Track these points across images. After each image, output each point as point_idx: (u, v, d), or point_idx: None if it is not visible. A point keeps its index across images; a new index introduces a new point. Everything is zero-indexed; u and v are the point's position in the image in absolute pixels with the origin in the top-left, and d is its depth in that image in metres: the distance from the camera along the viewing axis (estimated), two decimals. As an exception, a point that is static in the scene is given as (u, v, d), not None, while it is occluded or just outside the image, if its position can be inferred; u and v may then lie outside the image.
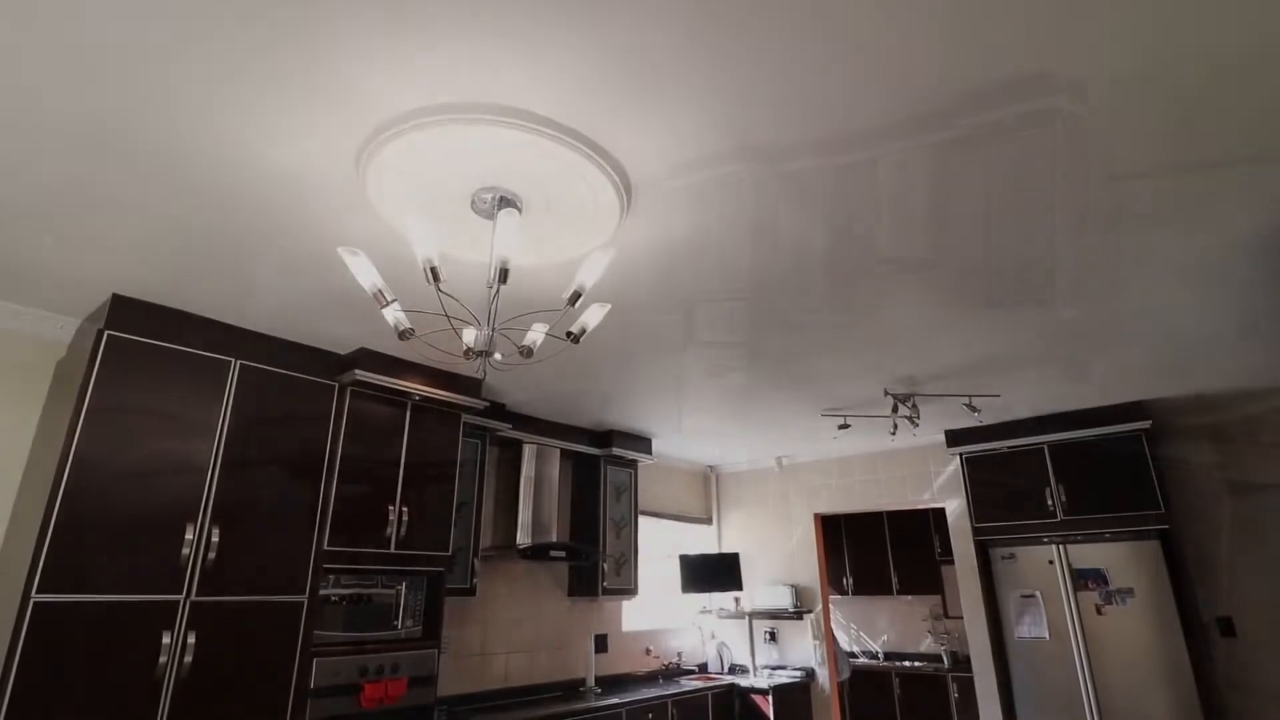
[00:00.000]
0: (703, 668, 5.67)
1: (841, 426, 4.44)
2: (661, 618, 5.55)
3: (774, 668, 5.53)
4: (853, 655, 6.63)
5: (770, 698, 4.82)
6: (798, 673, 5.33)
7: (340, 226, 2.14)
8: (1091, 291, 2.65)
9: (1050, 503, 4.42)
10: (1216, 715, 3.72)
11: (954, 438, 4.90)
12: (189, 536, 2.59)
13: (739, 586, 5.61)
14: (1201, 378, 3.79)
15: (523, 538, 4.27)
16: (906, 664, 6.19)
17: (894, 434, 4.64)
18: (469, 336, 1.94)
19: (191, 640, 2.52)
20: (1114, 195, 2.00)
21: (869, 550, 6.75)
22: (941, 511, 6.01)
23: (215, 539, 2.66)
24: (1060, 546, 4.34)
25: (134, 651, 2.39)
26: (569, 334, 1.97)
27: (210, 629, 2.58)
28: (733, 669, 5.63)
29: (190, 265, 2.40)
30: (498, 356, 2.01)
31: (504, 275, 1.69)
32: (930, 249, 2.31)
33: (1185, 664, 3.82)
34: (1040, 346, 3.25)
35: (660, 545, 5.74)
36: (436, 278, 1.68)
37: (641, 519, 5.37)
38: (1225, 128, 1.72)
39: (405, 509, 3.28)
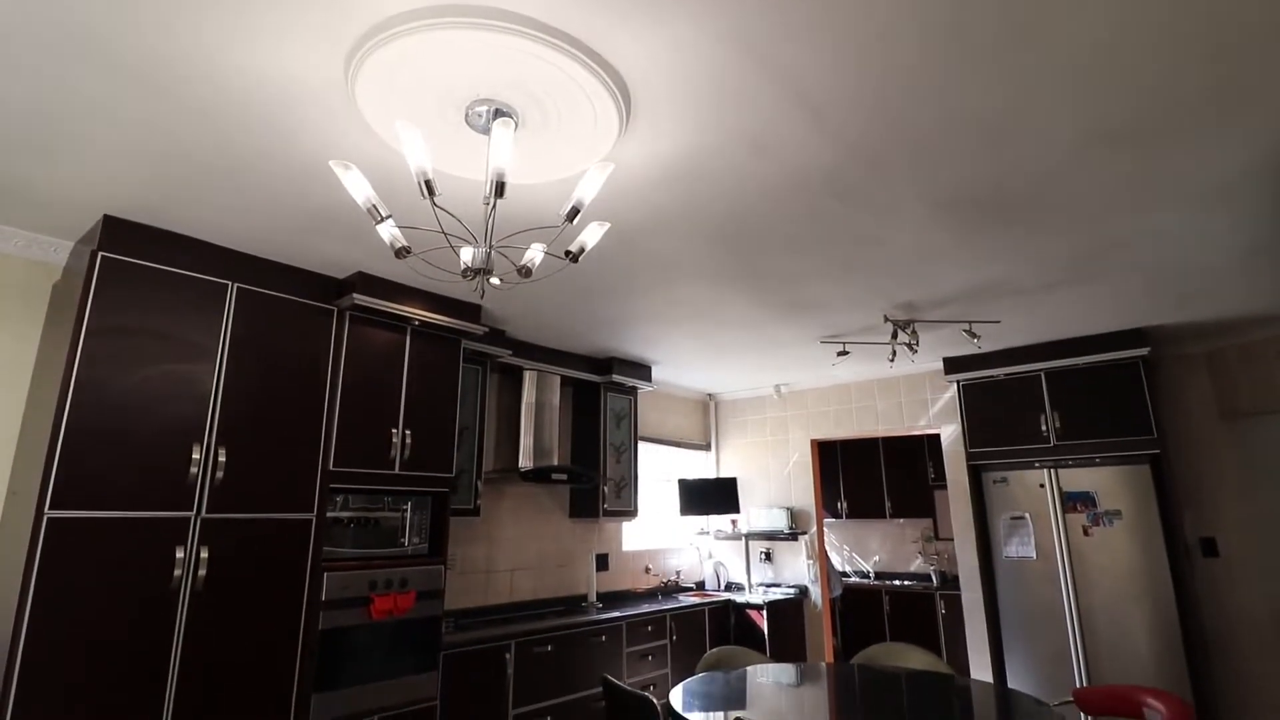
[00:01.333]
0: (700, 585, 5.89)
1: (840, 354, 4.45)
2: (660, 539, 5.72)
3: (769, 585, 5.74)
4: (845, 575, 6.87)
5: (764, 613, 5.03)
6: (791, 590, 5.54)
7: (332, 142, 2.08)
8: (1097, 215, 2.60)
9: (1044, 428, 4.48)
10: (1193, 631, 3.89)
11: (952, 365, 4.92)
12: (196, 456, 2.64)
13: (736, 510, 5.76)
14: (1203, 305, 3.78)
15: (524, 461, 4.35)
16: (896, 583, 6.42)
17: (892, 361, 4.67)
18: (467, 255, 1.92)
19: (204, 555, 2.60)
20: (1125, 110, 1.94)
21: (864, 475, 6.90)
22: (936, 437, 6.11)
23: (222, 459, 2.70)
24: (1052, 470, 4.43)
25: (149, 566, 2.47)
26: (568, 253, 1.94)
27: (222, 545, 2.66)
28: (729, 587, 5.84)
29: (181, 184, 2.35)
30: (496, 281, 1.99)
31: (500, 189, 1.65)
32: (938, 169, 2.25)
33: (1167, 583, 3.96)
34: (1043, 272, 3.22)
35: (660, 470, 5.87)
36: (431, 191, 1.64)
37: (641, 445, 5.47)
38: (1247, 42, 1.64)
39: (408, 432, 3.33)
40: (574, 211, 1.78)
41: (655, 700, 1.95)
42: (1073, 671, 4.14)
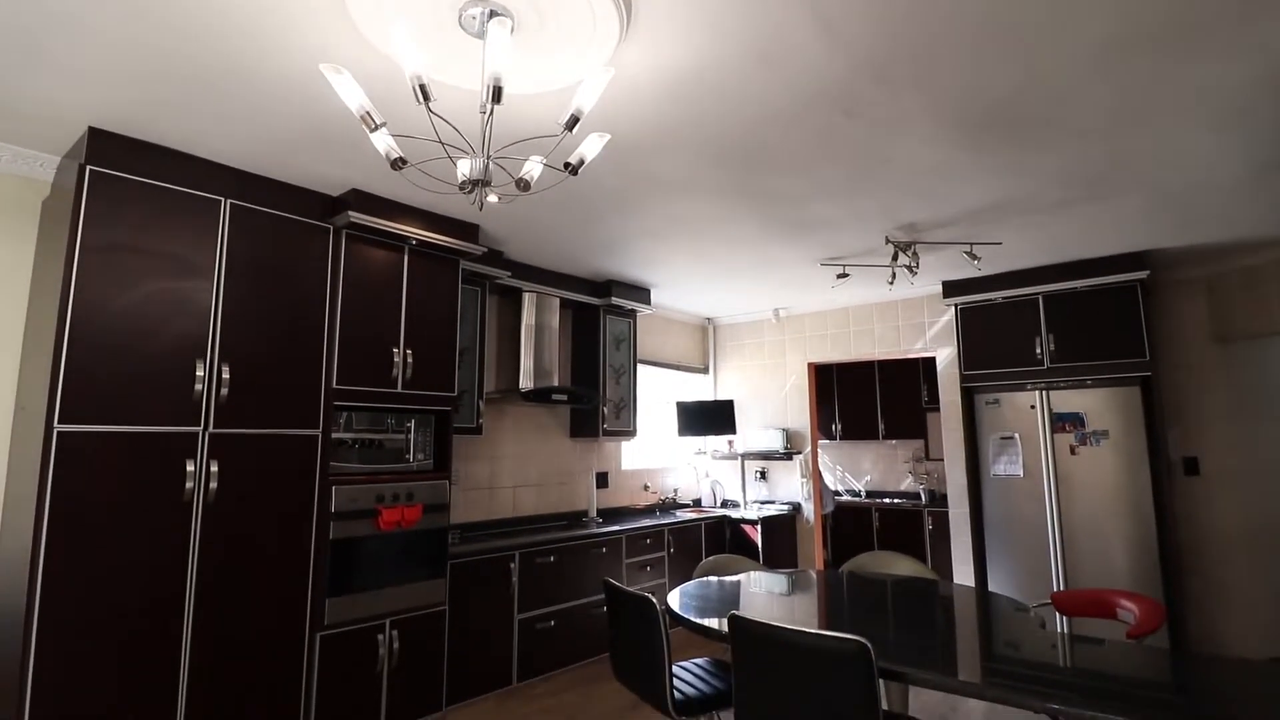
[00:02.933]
0: (697, 502, 6.07)
1: (840, 276, 4.44)
2: (659, 458, 5.86)
3: (763, 503, 5.92)
4: (837, 494, 7.08)
5: (759, 528, 5.21)
6: (785, 507, 5.72)
7: (322, 51, 2.00)
8: (1109, 130, 2.54)
9: (1039, 351, 4.53)
10: (1169, 544, 4.05)
11: (951, 288, 4.92)
12: (200, 373, 2.67)
13: (733, 431, 5.87)
14: (1207, 227, 3.74)
15: (525, 382, 4.40)
16: (887, 501, 6.63)
17: (892, 284, 4.66)
18: (464, 166, 1.88)
19: (214, 469, 2.67)
20: (1156, 11, 1.86)
21: (858, 398, 7.00)
22: (931, 361, 6.17)
23: (226, 376, 2.74)
24: (1044, 392, 4.51)
25: (161, 479, 2.54)
26: (567, 164, 1.91)
27: (231, 459, 2.73)
28: (724, 504, 6.03)
29: (165, 96, 2.27)
30: (493, 199, 1.97)
31: (497, 95, 1.60)
32: (951, 81, 2.18)
33: (1148, 499, 4.10)
34: (1049, 190, 3.17)
35: (658, 392, 5.95)
36: (426, 96, 1.59)
37: (640, 367, 5.52)
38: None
39: (409, 351, 3.36)
40: (573, 120, 1.74)
41: (654, 600, 2.05)
42: (1052, 581, 4.34)
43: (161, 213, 2.64)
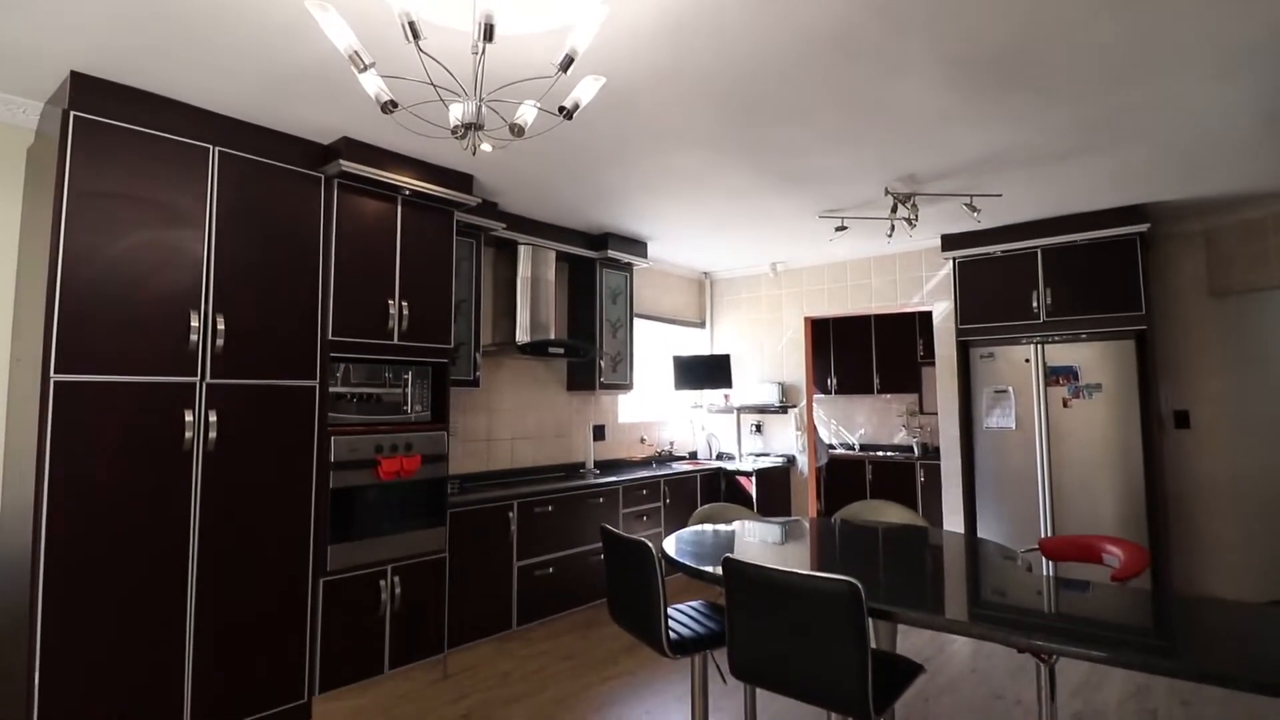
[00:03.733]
0: (693, 455, 6.15)
1: (839, 229, 4.41)
2: (655, 411, 5.91)
3: (758, 455, 6.00)
4: (831, 447, 7.16)
5: (754, 479, 5.29)
6: (780, 459, 5.79)
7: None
8: (1115, 78, 2.49)
9: (1035, 305, 4.53)
10: (1157, 496, 4.13)
11: (949, 242, 4.89)
12: (195, 324, 2.66)
13: (729, 385, 5.90)
14: (1210, 180, 3.71)
15: (522, 335, 4.41)
16: (880, 454, 6.71)
17: (890, 236, 4.63)
18: (457, 111, 1.85)
19: (213, 419, 2.69)
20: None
21: (854, 353, 7.03)
22: (928, 315, 6.18)
23: (221, 327, 2.73)
24: (1039, 346, 4.52)
25: (160, 429, 2.56)
26: (561, 109, 1.87)
27: (229, 409, 2.74)
28: (720, 456, 6.10)
29: (148, 39, 2.20)
30: (487, 147, 1.93)
31: (489, 32, 1.56)
32: (956, 22, 2.13)
33: (1138, 452, 4.16)
34: (1052, 140, 3.12)
35: (655, 346, 5.96)
36: (416, 34, 1.55)
37: (637, 322, 5.52)
38: None
39: (405, 303, 3.35)
40: (567, 61, 1.70)
41: (650, 544, 2.10)
42: (1040, 531, 4.43)
43: (149, 160, 2.60)
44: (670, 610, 2.39)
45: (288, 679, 2.85)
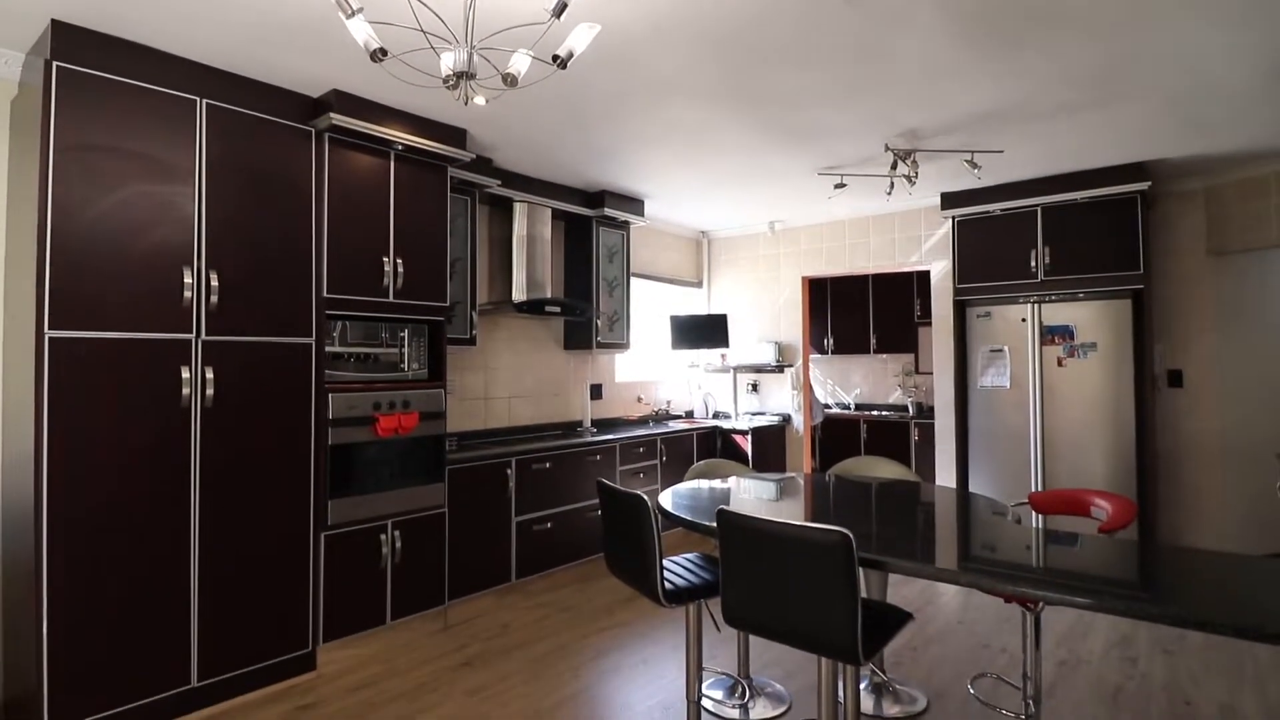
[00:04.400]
0: (689, 414, 6.19)
1: (838, 185, 4.36)
2: (652, 371, 5.93)
3: (754, 414, 6.04)
4: (827, 406, 7.21)
5: (749, 437, 5.34)
6: (775, 418, 5.84)
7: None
8: (1121, 25, 2.43)
9: (1033, 264, 4.52)
10: (1147, 453, 4.18)
11: (949, 200, 4.85)
12: (188, 280, 2.64)
13: (726, 344, 5.91)
14: (1213, 136, 3.66)
15: (518, 294, 4.39)
16: (875, 413, 6.76)
17: (890, 194, 4.58)
18: (448, 60, 1.80)
19: (210, 375, 2.69)
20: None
21: (851, 312, 7.03)
22: (925, 275, 6.16)
23: (215, 284, 2.71)
24: (1035, 305, 4.53)
25: (157, 385, 2.56)
26: (555, 58, 1.83)
27: (226, 366, 2.74)
28: (716, 415, 6.14)
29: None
30: (481, 101, 1.89)
31: (481, -23, 1.52)
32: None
33: (1130, 410, 4.20)
34: (1056, 92, 3.07)
35: (652, 306, 5.95)
36: (406, -22, 1.51)
37: (634, 281, 5.49)
38: None
39: (399, 260, 3.32)
40: (561, 6, 1.65)
41: (645, 497, 2.13)
42: (1031, 487, 4.50)
43: (136, 113, 2.55)
44: (665, 562, 2.44)
45: (293, 628, 2.92)
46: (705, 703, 2.67)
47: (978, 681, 2.78)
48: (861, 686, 2.67)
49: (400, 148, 3.30)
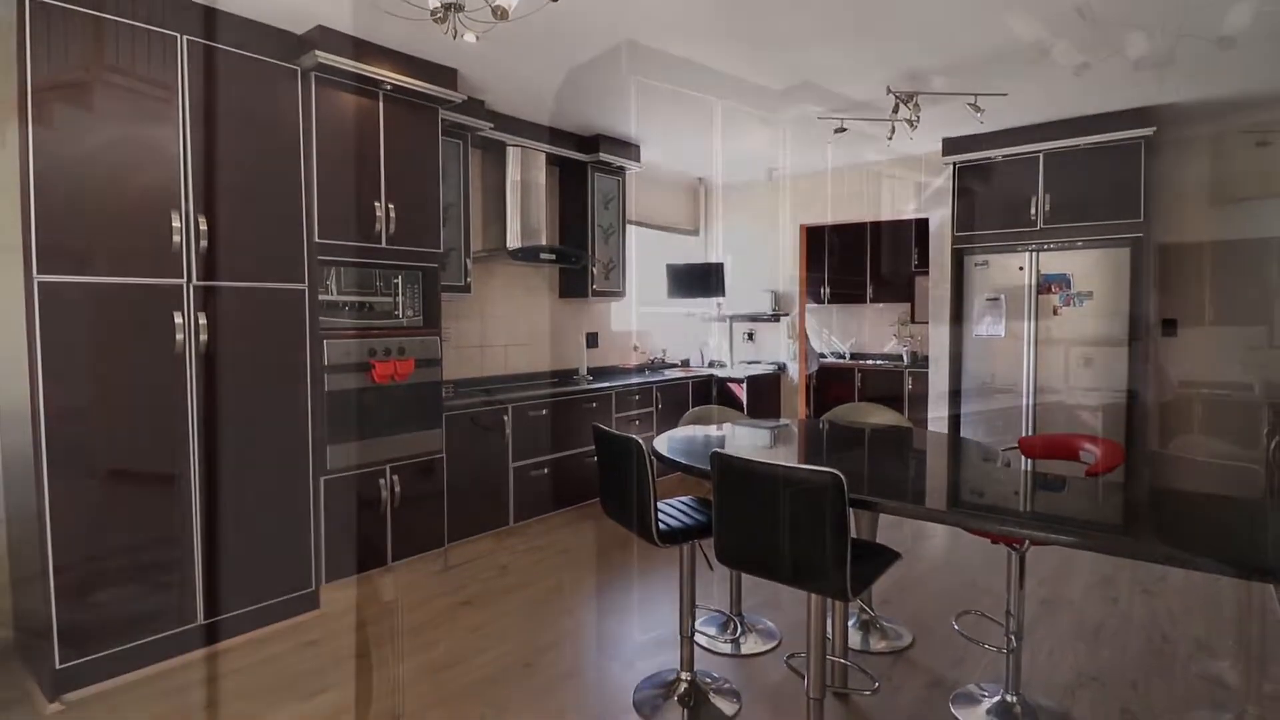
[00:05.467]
0: (685, 362, 6.21)
1: (838, 130, 4.27)
2: (648, 319, 5.92)
3: (750, 362, 6.07)
4: (822, 355, 7.24)
5: (744, 385, 5.37)
6: (771, 366, 5.87)
7: None
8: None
9: (1033, 212, 4.48)
10: (1138, 402, 4.22)
11: (950, 145, 4.77)
12: (176, 224, 2.60)
13: (722, 293, 5.89)
14: (1221, 80, 3.57)
15: (512, 241, 4.34)
16: (870, 363, 6.80)
17: (890, 139, 4.49)
18: (436, -10, 1.74)
19: (203, 321, 2.67)
20: None
21: (848, 261, 6.98)
22: (924, 224, 6.10)
23: (204, 228, 2.67)
24: (1034, 253, 4.50)
25: (151, 331, 2.55)
26: (547, -11, 1.77)
27: (219, 312, 2.73)
28: (712, 364, 6.17)
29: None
30: (470, 38, 1.83)
31: (468, -101, 1.45)
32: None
33: (1123, 359, 4.23)
34: (1058, 33, 2.98)
35: (650, 254, 5.90)
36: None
37: (630, 229, 5.43)
38: None
39: (391, 205, 3.27)
40: (553, -67, 1.59)
41: (640, 440, 2.15)
42: (1023, 433, 4.55)
43: (113, 49, 2.46)
44: (659, 505, 2.48)
45: (296, 568, 2.98)
46: (698, 638, 2.76)
47: (962, 618, 2.87)
48: (849, 623, 2.76)
49: (389, 88, 3.21)
